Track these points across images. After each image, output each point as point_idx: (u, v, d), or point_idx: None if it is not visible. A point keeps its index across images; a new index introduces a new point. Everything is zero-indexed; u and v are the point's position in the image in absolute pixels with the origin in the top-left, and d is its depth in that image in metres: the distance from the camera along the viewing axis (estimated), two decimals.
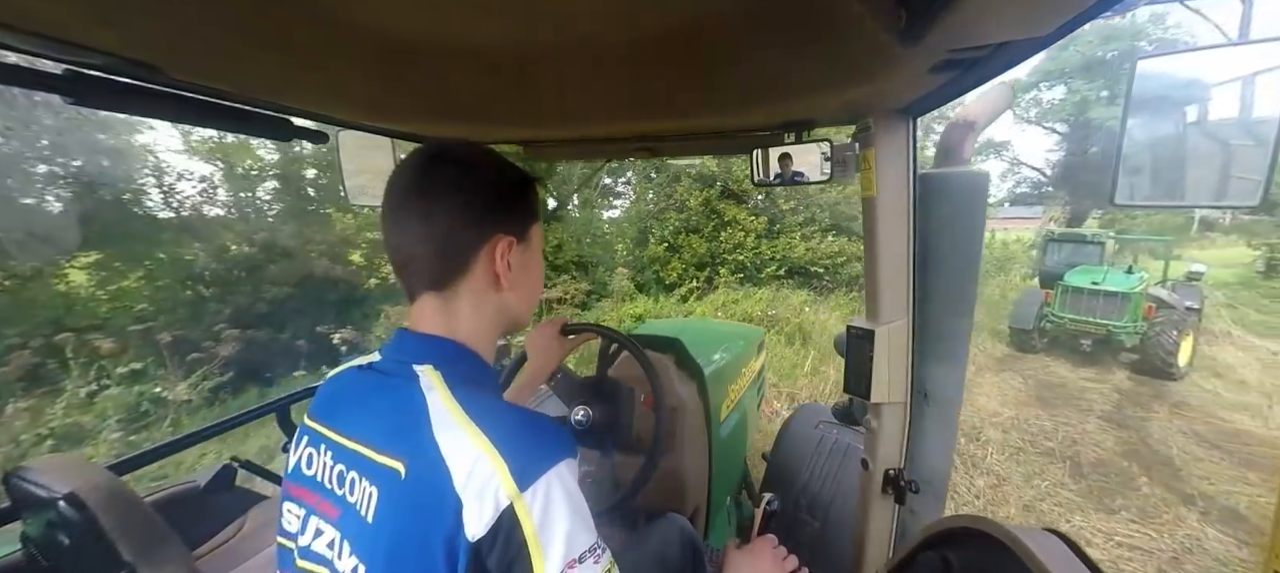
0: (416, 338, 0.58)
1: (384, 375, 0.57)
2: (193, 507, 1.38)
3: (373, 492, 0.49)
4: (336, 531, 0.52)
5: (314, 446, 0.57)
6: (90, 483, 0.86)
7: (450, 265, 0.57)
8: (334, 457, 0.54)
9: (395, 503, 0.47)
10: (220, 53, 0.65)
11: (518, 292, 0.63)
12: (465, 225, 0.57)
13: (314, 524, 0.54)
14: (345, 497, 0.51)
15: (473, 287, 0.59)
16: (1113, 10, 0.50)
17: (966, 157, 1.02)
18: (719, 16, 0.55)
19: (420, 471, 0.47)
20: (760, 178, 1.20)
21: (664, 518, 1.19)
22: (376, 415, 0.53)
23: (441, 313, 0.58)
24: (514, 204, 0.62)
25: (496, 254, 0.58)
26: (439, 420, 0.49)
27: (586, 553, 0.47)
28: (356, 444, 0.52)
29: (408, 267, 0.58)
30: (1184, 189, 0.74)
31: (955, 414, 1.09)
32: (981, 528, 0.73)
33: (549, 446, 0.50)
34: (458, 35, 0.61)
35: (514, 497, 0.45)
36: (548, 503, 0.46)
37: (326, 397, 0.61)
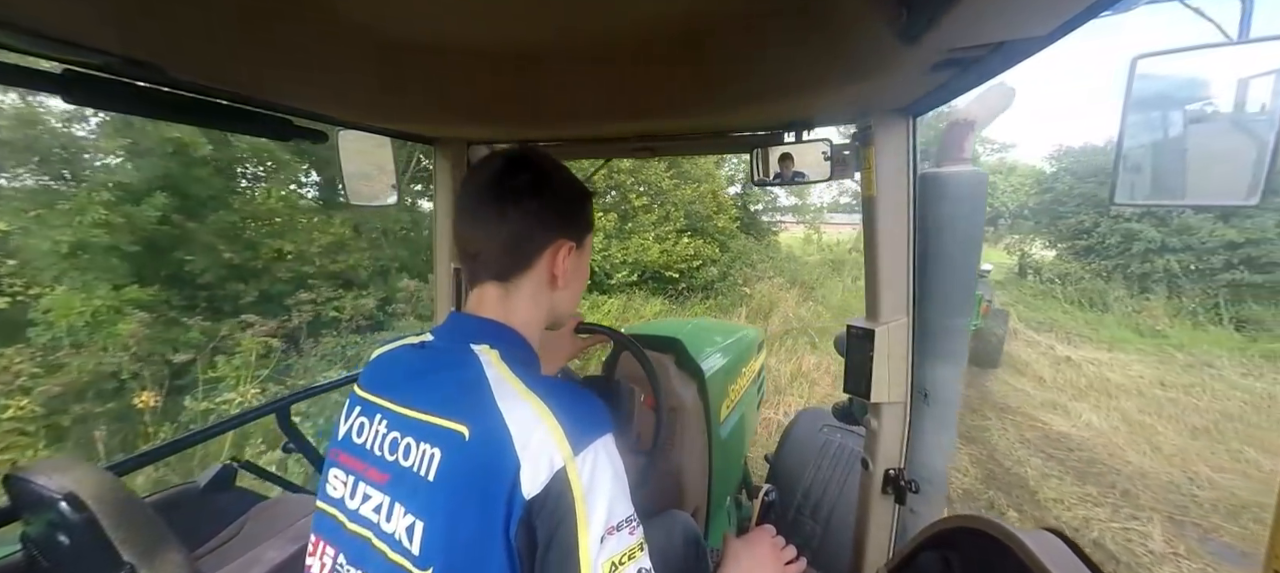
0: (476, 321, 0.64)
1: (441, 352, 0.63)
2: (193, 507, 1.38)
3: (434, 453, 0.52)
4: (385, 495, 0.55)
5: (366, 415, 0.61)
6: (90, 483, 0.86)
7: (516, 261, 0.64)
8: (388, 425, 0.58)
9: (458, 462, 0.51)
10: (220, 53, 0.65)
11: (568, 291, 0.70)
12: (535, 228, 0.64)
13: (362, 490, 0.58)
14: (397, 462, 0.55)
15: (532, 282, 0.65)
16: (1111, 10, 0.50)
17: (966, 156, 1.02)
18: (719, 16, 0.55)
19: (484, 433, 0.51)
20: (760, 177, 1.20)
21: (666, 515, 1.19)
22: (438, 386, 0.58)
23: (501, 302, 0.64)
24: (578, 213, 0.69)
25: (558, 257, 0.65)
26: (500, 390, 0.53)
27: (624, 522, 0.51)
28: (416, 412, 0.56)
29: (476, 257, 0.64)
30: (1183, 188, 0.74)
31: (955, 414, 1.09)
32: (981, 528, 0.73)
33: (598, 418, 0.54)
34: (458, 35, 0.61)
35: (568, 460, 0.49)
36: (595, 469, 0.50)
37: (380, 370, 0.66)
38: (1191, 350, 7.61)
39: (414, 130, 1.25)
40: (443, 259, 1.44)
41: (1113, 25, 0.54)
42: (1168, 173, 0.73)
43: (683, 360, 1.66)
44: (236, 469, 1.52)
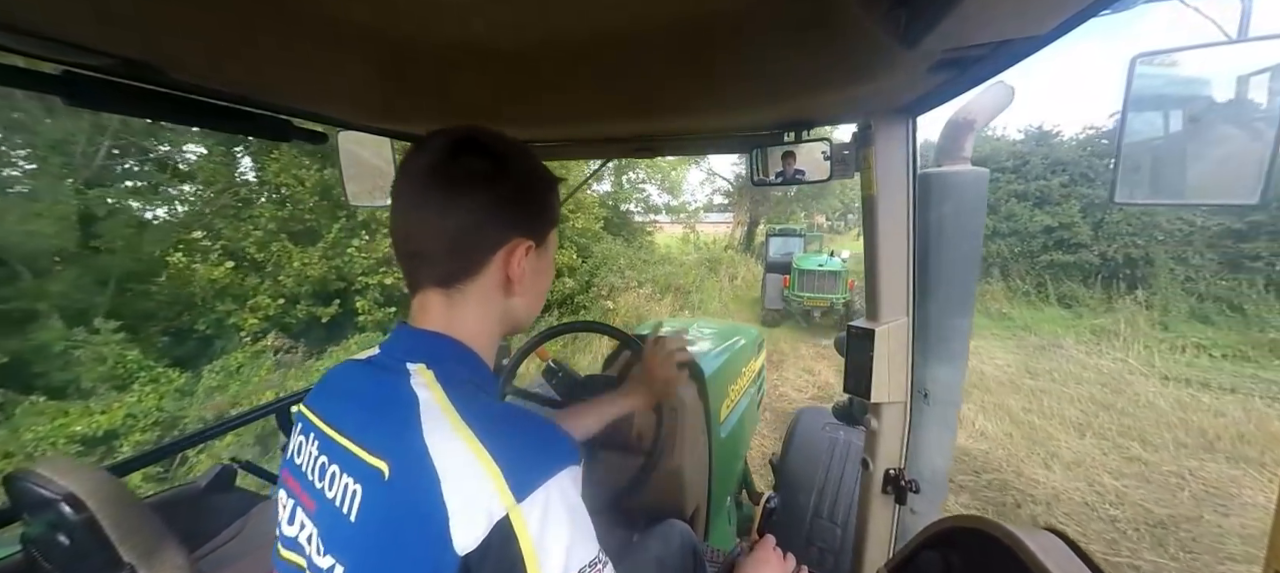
0: (413, 334, 0.55)
1: (379, 370, 0.54)
2: (193, 507, 1.38)
3: (356, 489, 0.46)
4: (314, 526, 0.50)
5: (304, 434, 0.55)
6: (90, 484, 0.86)
7: (463, 264, 0.54)
8: (319, 448, 0.52)
9: (377, 506, 0.45)
10: (220, 54, 0.65)
11: (526, 297, 0.61)
12: (485, 225, 0.54)
13: (298, 516, 0.53)
14: (324, 491, 0.49)
15: (482, 288, 0.56)
16: (1110, 9, 0.50)
17: (966, 155, 1.02)
18: (719, 16, 0.55)
19: (406, 474, 0.44)
20: (760, 177, 1.20)
21: (663, 523, 1.19)
22: (365, 410, 0.51)
23: (445, 311, 0.55)
24: (539, 207, 0.59)
25: (513, 258, 0.56)
26: (430, 422, 0.46)
27: (587, 567, 0.44)
28: (342, 438, 0.50)
29: (415, 259, 0.55)
30: (1183, 187, 0.74)
31: (955, 414, 1.09)
32: (982, 528, 0.73)
33: (550, 453, 0.46)
34: (458, 35, 0.61)
35: (510, 508, 0.42)
36: (546, 514, 0.43)
37: (323, 386, 0.59)
38: (1037, 331, 8.31)
39: (414, 130, 1.25)
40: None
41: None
42: (1167, 171, 0.73)
43: None
44: (236, 469, 1.52)
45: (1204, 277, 8.96)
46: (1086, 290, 9.84)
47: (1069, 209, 10.32)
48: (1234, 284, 8.65)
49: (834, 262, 8.71)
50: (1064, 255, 10.31)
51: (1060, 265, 10.32)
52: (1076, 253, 10.21)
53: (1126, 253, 9.68)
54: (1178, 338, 7.54)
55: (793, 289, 8.68)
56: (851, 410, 1.79)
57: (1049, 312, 9.54)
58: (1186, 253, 9.28)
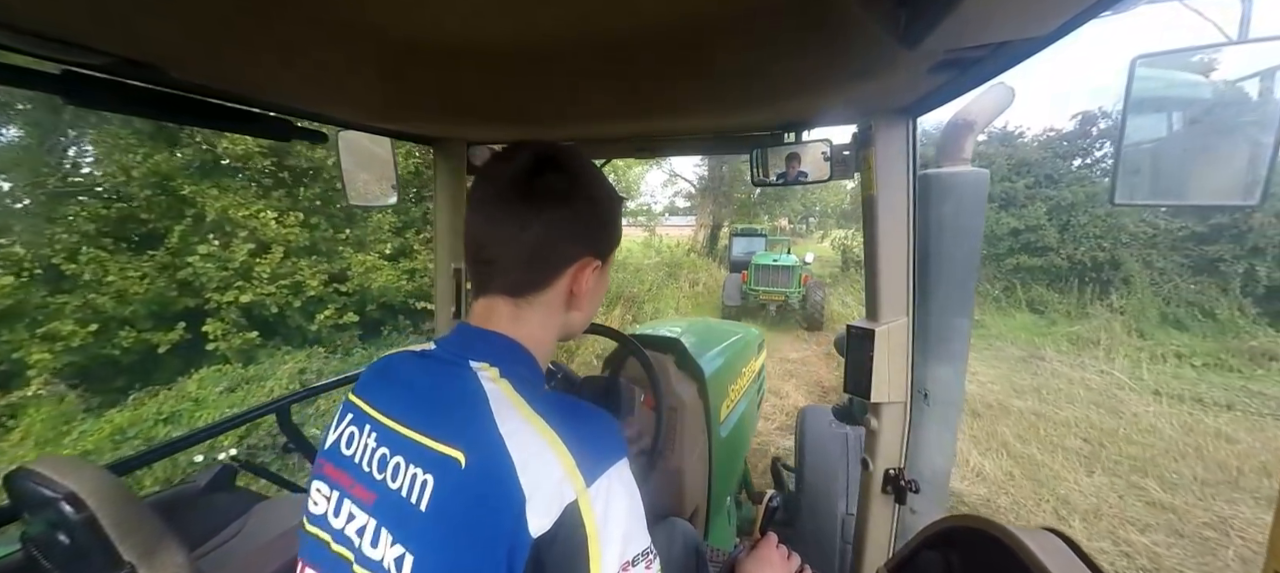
0: (480, 335, 0.57)
1: (441, 364, 0.56)
2: (193, 507, 1.38)
3: (427, 479, 0.47)
4: (370, 517, 0.50)
5: (356, 425, 0.55)
6: (90, 483, 0.86)
7: (535, 276, 0.56)
8: (378, 440, 0.52)
9: (454, 493, 0.46)
10: (220, 53, 0.65)
11: (584, 311, 0.63)
12: (562, 241, 0.56)
13: (346, 507, 0.53)
14: (386, 482, 0.50)
15: (548, 299, 0.58)
16: (1112, 10, 0.50)
17: (966, 156, 1.02)
18: (719, 17, 0.55)
19: (483, 461, 0.45)
20: (760, 177, 1.20)
21: (666, 523, 1.19)
22: (434, 403, 0.52)
23: (510, 318, 0.57)
24: (610, 227, 0.61)
25: (582, 275, 0.58)
26: (502, 412, 0.48)
27: (640, 556, 0.46)
28: (408, 430, 0.51)
29: (488, 266, 0.57)
30: (1183, 188, 0.74)
31: (956, 414, 1.09)
32: (982, 528, 0.73)
33: (612, 442, 0.49)
34: (457, 35, 0.61)
35: (580, 492, 0.44)
36: (610, 500, 0.45)
37: (376, 377, 0.59)
38: (1012, 340, 8.00)
39: (414, 130, 1.25)
40: (443, 260, 1.44)
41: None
42: (1167, 173, 0.73)
43: (683, 360, 1.66)
44: (236, 469, 1.52)
45: (1171, 280, 8.92)
46: (1056, 295, 9.69)
47: (1035, 211, 10.17)
48: (1202, 288, 8.61)
49: (789, 258, 9.22)
50: (1031, 259, 10.19)
51: (1027, 269, 10.19)
52: (1043, 256, 10.10)
53: (1093, 256, 9.58)
54: (1156, 346, 7.39)
55: (750, 285, 9.13)
56: (851, 410, 1.79)
57: (1020, 318, 9.29)
58: (1151, 256, 9.25)
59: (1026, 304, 9.77)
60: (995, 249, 10.51)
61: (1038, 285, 9.99)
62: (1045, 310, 9.49)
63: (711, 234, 15.91)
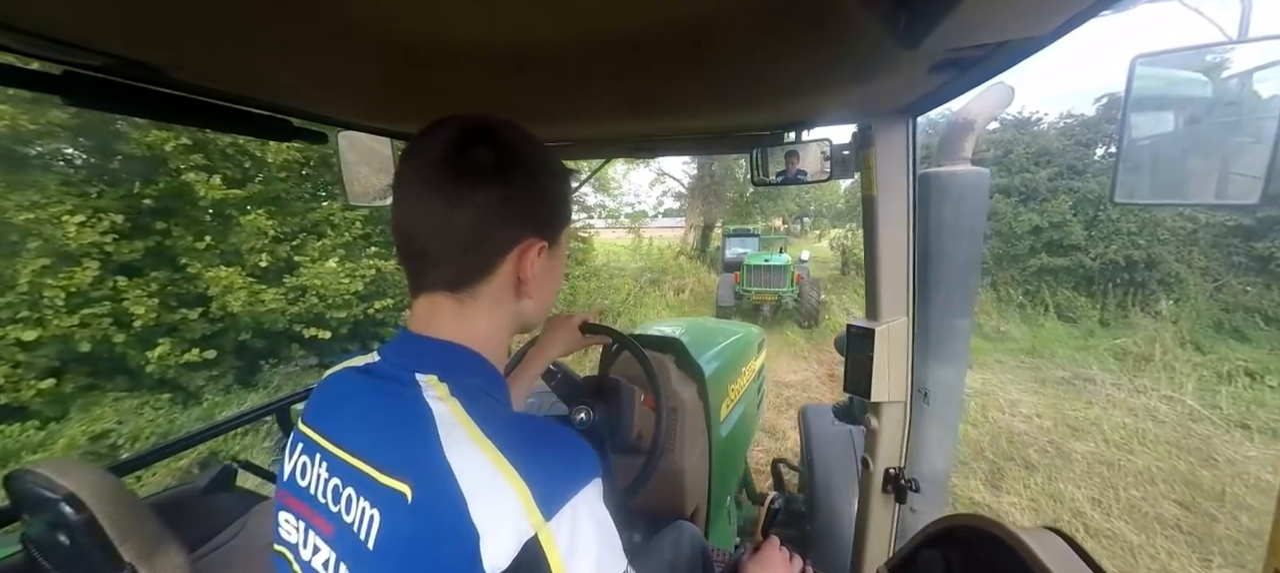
0: (422, 342, 0.52)
1: (384, 381, 0.51)
2: (193, 507, 1.38)
3: (373, 515, 0.43)
4: (331, 551, 0.47)
5: (308, 454, 0.52)
6: (90, 484, 0.86)
7: (474, 265, 0.51)
8: (329, 469, 0.49)
9: (400, 530, 0.42)
10: (220, 54, 0.65)
11: (537, 298, 0.57)
12: (499, 224, 0.50)
13: (312, 539, 0.49)
14: (341, 515, 0.46)
15: (493, 290, 0.52)
16: (1111, 10, 0.50)
17: (966, 156, 1.02)
18: (719, 16, 0.55)
19: (430, 495, 0.41)
20: (760, 177, 1.20)
21: (673, 525, 1.19)
22: (377, 428, 0.48)
23: (454, 316, 0.52)
24: (554, 204, 0.56)
25: (526, 258, 0.52)
26: (450, 437, 0.43)
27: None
28: (355, 459, 0.47)
29: (420, 259, 0.51)
30: (1183, 188, 0.74)
31: (956, 413, 1.09)
32: (982, 527, 0.73)
33: (575, 466, 0.45)
34: (458, 35, 0.61)
35: (539, 527, 0.40)
36: (575, 530, 0.41)
37: (322, 400, 0.55)
38: (1047, 355, 6.89)
39: (414, 130, 1.25)
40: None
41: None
42: (1168, 172, 0.73)
43: (683, 360, 1.66)
44: (236, 469, 1.52)
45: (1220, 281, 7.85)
46: (1087, 300, 8.60)
47: (1059, 206, 8.99)
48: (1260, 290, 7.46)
49: (781, 257, 9.19)
50: (1056, 259, 9.03)
51: (1051, 270, 9.03)
52: (1070, 256, 8.95)
53: (1127, 254, 8.49)
54: (1218, 361, 6.15)
55: (743, 285, 9.12)
56: (851, 410, 1.79)
57: (1050, 327, 8.15)
58: (1192, 254, 8.30)
59: (1055, 311, 8.58)
60: (1015, 249, 9.40)
61: (1064, 288, 8.85)
62: (1077, 318, 8.33)
63: (702, 235, 15.28)
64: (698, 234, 15.28)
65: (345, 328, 5.61)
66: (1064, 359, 6.76)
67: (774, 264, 8.99)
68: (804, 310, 8.53)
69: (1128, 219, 8.61)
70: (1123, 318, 8.04)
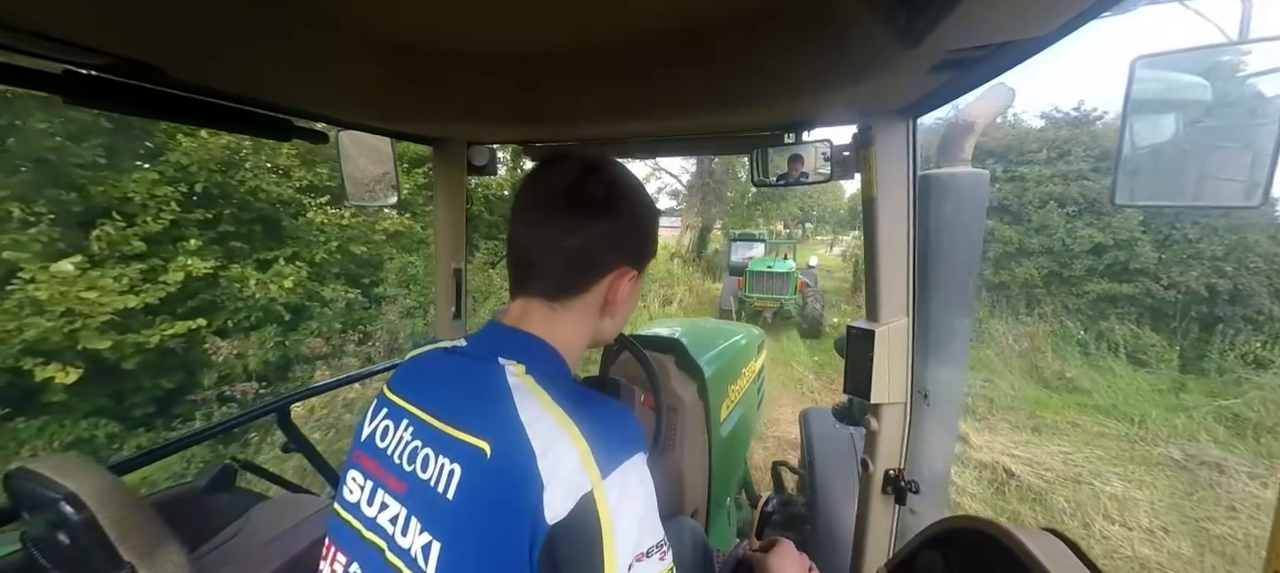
0: (511, 333, 0.58)
1: (470, 360, 0.58)
2: (193, 507, 1.38)
3: (454, 469, 0.49)
4: (402, 506, 0.52)
5: (392, 419, 0.58)
6: (90, 483, 0.86)
7: (574, 282, 0.58)
8: (413, 433, 0.54)
9: (479, 481, 0.47)
10: (221, 54, 0.65)
11: (617, 318, 0.65)
12: (601, 251, 0.58)
13: (380, 497, 0.54)
14: (416, 473, 0.51)
15: (583, 305, 0.59)
16: (1112, 10, 0.50)
17: (966, 157, 1.02)
18: (719, 17, 0.55)
19: (506, 451, 0.47)
20: (760, 177, 1.20)
21: (675, 521, 1.19)
22: (462, 395, 0.54)
23: (546, 320, 0.59)
24: (648, 238, 0.63)
25: (619, 284, 0.60)
26: (523, 402, 0.49)
27: (654, 549, 0.47)
28: (439, 422, 0.53)
29: (528, 268, 0.59)
30: (1184, 189, 0.74)
31: (956, 414, 1.09)
32: (981, 528, 0.73)
33: (630, 435, 0.50)
34: (458, 36, 0.61)
35: (595, 483, 0.45)
36: (624, 493, 0.46)
37: (410, 373, 0.62)
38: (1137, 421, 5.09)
39: (414, 130, 1.25)
40: (443, 260, 1.44)
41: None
42: (1168, 174, 0.73)
43: (683, 360, 1.66)
44: (236, 469, 1.52)
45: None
46: (1160, 339, 6.81)
47: (1127, 220, 7.36)
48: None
49: (784, 263, 9.28)
50: (1121, 285, 7.32)
51: (1114, 299, 7.33)
52: (1136, 282, 7.22)
53: (1209, 283, 6.74)
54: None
55: (745, 291, 9.16)
56: (851, 411, 1.79)
57: (1122, 374, 6.37)
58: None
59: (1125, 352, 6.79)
60: (1069, 270, 7.80)
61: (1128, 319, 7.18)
62: (1150, 361, 6.61)
63: (700, 237, 14.75)
64: (695, 236, 14.88)
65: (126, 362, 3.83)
66: (1160, 427, 4.96)
67: (776, 270, 9.05)
68: (806, 319, 8.49)
69: (1211, 240, 6.92)
70: (1212, 365, 6.33)
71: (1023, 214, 8.22)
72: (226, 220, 5.00)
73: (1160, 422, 5.07)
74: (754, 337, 2.44)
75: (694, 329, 2.21)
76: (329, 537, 0.59)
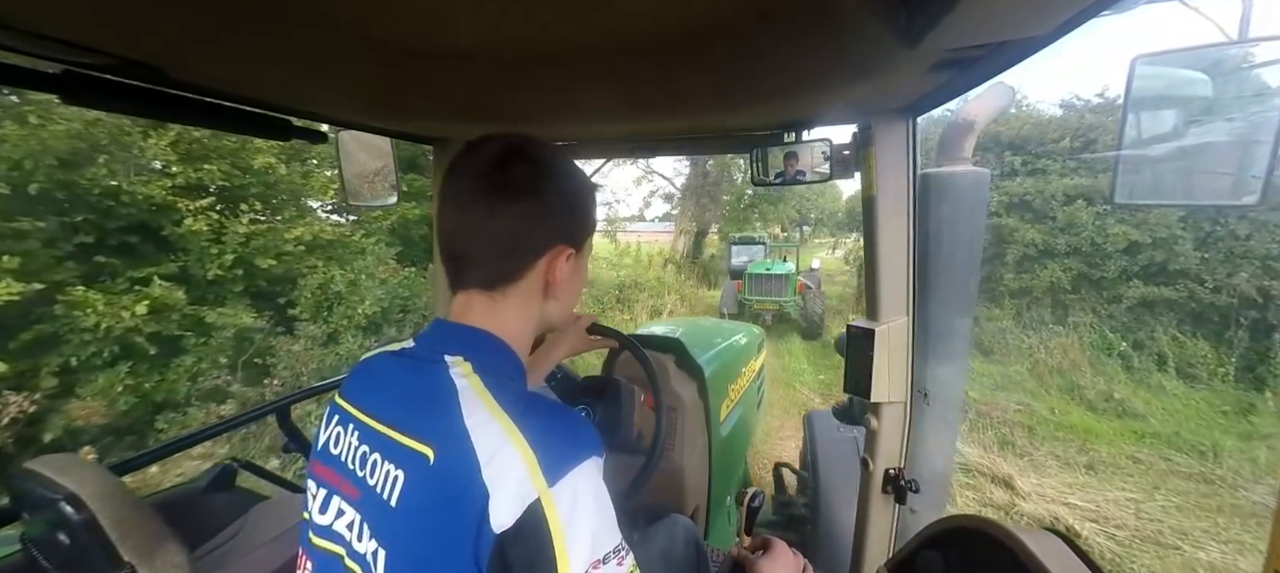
0: (453, 329, 0.58)
1: (416, 362, 0.57)
2: (193, 507, 1.38)
3: (398, 475, 0.48)
4: (356, 512, 0.51)
5: (342, 425, 0.57)
6: (90, 483, 0.86)
7: (508, 268, 0.57)
8: (360, 438, 0.54)
9: (422, 489, 0.47)
10: (220, 54, 0.65)
11: (562, 300, 0.63)
12: (532, 232, 0.57)
13: (335, 504, 0.54)
14: (366, 479, 0.51)
15: (523, 291, 0.59)
16: (1112, 10, 0.50)
17: (966, 156, 1.02)
18: (719, 17, 0.55)
19: (449, 457, 0.46)
20: (760, 177, 1.20)
21: (668, 518, 1.19)
22: (406, 400, 0.53)
23: (487, 311, 0.58)
24: (582, 215, 0.62)
25: (555, 264, 0.59)
26: (469, 407, 0.48)
27: (610, 554, 0.46)
28: (384, 427, 0.52)
29: (460, 260, 0.58)
30: (1183, 188, 0.74)
31: (956, 414, 1.09)
32: (981, 528, 0.73)
33: (579, 441, 0.49)
34: (457, 36, 0.61)
35: (542, 491, 0.44)
36: (575, 500, 0.45)
37: (358, 378, 0.61)
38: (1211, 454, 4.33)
39: (413, 130, 1.25)
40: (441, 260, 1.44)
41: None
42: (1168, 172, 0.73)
43: (683, 360, 1.66)
44: (236, 469, 1.52)
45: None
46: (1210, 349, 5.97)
47: (1165, 216, 6.55)
48: None
49: (783, 266, 9.33)
50: (1160, 289, 6.48)
51: (1152, 305, 6.51)
52: (1177, 285, 6.41)
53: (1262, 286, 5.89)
54: None
55: (745, 293, 9.23)
56: (851, 410, 1.79)
57: (1174, 391, 5.60)
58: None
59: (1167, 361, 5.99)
60: (1101, 271, 6.93)
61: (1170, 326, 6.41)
62: (1200, 375, 5.79)
63: (695, 242, 14.24)
64: (689, 241, 14.35)
65: None
66: (1238, 461, 4.21)
67: (775, 273, 9.12)
68: (806, 320, 8.51)
69: (1261, 236, 6.05)
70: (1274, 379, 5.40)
71: (1046, 211, 7.45)
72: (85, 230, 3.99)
73: (1236, 454, 4.33)
74: (754, 336, 2.44)
75: (694, 329, 2.21)
76: (300, 545, 0.59)
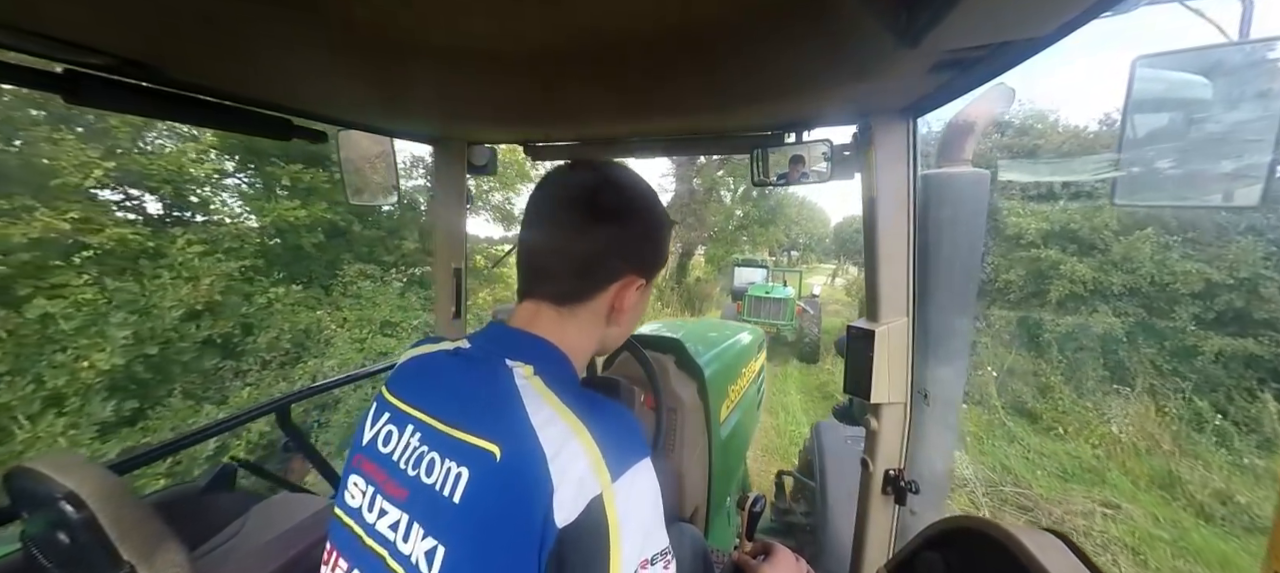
0: (519, 335, 0.59)
1: (475, 363, 0.57)
2: (193, 507, 1.38)
3: (462, 472, 0.48)
4: (403, 513, 0.51)
5: (396, 424, 0.57)
6: (90, 483, 0.86)
7: (582, 288, 0.59)
8: (420, 438, 0.54)
9: (488, 484, 0.47)
10: (220, 53, 0.65)
11: (623, 327, 0.65)
12: (611, 258, 0.59)
13: (380, 503, 0.54)
14: (419, 478, 0.51)
15: (591, 311, 0.60)
16: (1112, 10, 0.50)
17: (967, 157, 1.02)
18: (719, 17, 0.55)
19: (516, 453, 0.47)
20: (760, 178, 1.20)
21: (674, 527, 1.19)
22: (468, 399, 0.54)
23: (554, 324, 0.59)
24: (658, 248, 0.64)
25: (625, 292, 0.60)
26: (534, 405, 0.49)
27: (658, 555, 0.47)
28: (446, 426, 0.52)
29: (537, 272, 0.60)
30: (1184, 189, 0.74)
31: (956, 414, 1.09)
32: (981, 528, 0.73)
33: (639, 439, 0.51)
34: (457, 35, 0.61)
35: (605, 487, 0.45)
36: (632, 497, 0.46)
37: (410, 375, 0.61)
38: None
39: (414, 130, 1.26)
40: (442, 260, 1.44)
41: None
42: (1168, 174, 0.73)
43: (683, 360, 1.66)
44: (236, 469, 1.52)
45: None
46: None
47: (1247, 250, 5.21)
48: None
49: (784, 290, 9.58)
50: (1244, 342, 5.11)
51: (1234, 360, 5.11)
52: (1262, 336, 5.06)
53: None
54: None
55: (745, 314, 9.34)
56: (851, 411, 1.79)
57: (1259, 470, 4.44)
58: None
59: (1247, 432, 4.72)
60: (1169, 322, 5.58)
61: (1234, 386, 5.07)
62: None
63: (680, 264, 13.68)
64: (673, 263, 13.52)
65: None
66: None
67: (776, 296, 9.29)
68: (802, 343, 8.71)
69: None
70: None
71: (1095, 241, 6.20)
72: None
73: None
74: (755, 336, 2.44)
75: (694, 329, 2.21)
76: (330, 540, 0.59)
